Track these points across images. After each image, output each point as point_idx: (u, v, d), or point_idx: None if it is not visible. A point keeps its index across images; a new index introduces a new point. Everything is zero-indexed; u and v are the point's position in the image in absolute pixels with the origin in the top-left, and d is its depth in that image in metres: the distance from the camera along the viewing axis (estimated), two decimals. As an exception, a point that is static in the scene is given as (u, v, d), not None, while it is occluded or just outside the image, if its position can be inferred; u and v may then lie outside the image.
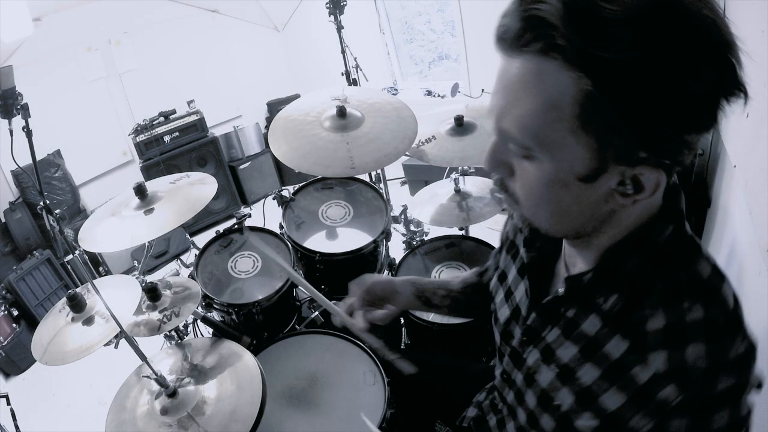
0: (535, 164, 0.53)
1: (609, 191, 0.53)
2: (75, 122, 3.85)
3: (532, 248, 0.76)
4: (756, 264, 1.06)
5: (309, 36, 4.82)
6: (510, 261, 0.85)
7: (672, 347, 0.54)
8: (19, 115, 1.29)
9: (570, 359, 0.64)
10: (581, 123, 0.48)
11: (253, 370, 1.26)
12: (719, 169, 2.05)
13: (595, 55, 0.43)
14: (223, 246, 1.74)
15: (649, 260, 0.57)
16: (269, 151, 4.27)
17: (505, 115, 0.53)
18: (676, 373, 0.53)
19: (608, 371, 0.59)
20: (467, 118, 1.82)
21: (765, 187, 1.08)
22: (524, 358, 0.75)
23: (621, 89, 0.44)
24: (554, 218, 0.58)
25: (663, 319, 0.55)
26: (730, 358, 0.52)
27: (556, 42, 0.45)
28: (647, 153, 0.49)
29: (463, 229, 1.89)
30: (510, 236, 0.87)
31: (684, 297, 0.55)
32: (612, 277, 0.59)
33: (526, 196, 0.57)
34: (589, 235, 0.60)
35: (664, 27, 0.43)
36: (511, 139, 0.54)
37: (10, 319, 2.94)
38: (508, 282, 0.84)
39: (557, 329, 0.68)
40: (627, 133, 0.47)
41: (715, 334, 0.53)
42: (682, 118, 0.46)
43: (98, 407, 2.41)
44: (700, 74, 0.44)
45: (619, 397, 0.58)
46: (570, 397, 0.64)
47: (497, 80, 0.54)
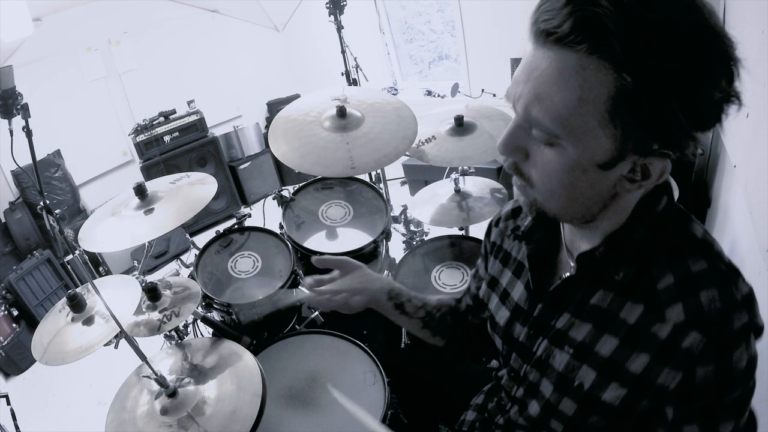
0: (557, 150, 0.57)
1: (619, 178, 0.58)
2: (75, 122, 3.85)
3: (531, 240, 0.78)
4: (756, 264, 1.06)
5: (309, 36, 4.82)
6: (500, 266, 0.87)
7: (686, 298, 0.58)
8: (19, 115, 1.29)
9: (585, 336, 0.66)
10: (611, 116, 0.53)
11: (253, 370, 1.26)
12: (719, 169, 2.05)
13: (642, 60, 0.49)
14: (223, 246, 1.74)
15: (651, 228, 0.63)
16: (269, 151, 4.26)
17: (537, 103, 0.56)
18: (696, 319, 0.57)
19: (627, 337, 0.63)
20: (467, 118, 1.82)
21: (765, 187, 1.08)
22: (534, 351, 0.75)
23: (659, 90, 0.50)
24: (567, 201, 0.62)
25: (671, 276, 0.60)
26: (739, 298, 0.58)
27: (607, 43, 0.49)
28: (659, 145, 0.55)
29: (463, 229, 1.89)
30: (497, 242, 0.90)
31: (686, 254, 0.61)
32: (621, 249, 0.64)
33: (543, 180, 0.61)
34: (594, 219, 0.64)
35: (700, 44, 0.50)
36: (539, 126, 0.57)
37: (10, 319, 2.94)
38: (502, 285, 0.85)
39: (566, 314, 0.70)
40: (651, 128, 0.53)
41: (722, 279, 0.59)
42: (699, 118, 0.53)
43: (98, 407, 2.42)
44: (719, 85, 0.51)
45: (644, 358, 0.61)
46: (591, 373, 0.66)
47: (526, 69, 0.57)
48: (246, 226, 1.81)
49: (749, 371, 0.58)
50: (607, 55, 0.50)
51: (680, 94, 0.50)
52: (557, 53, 0.53)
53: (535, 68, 0.55)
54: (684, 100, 0.51)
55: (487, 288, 0.91)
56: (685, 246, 0.62)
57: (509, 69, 3.50)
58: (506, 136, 0.61)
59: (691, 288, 0.59)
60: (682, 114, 0.51)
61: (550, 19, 0.52)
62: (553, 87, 0.54)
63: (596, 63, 0.51)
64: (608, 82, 0.51)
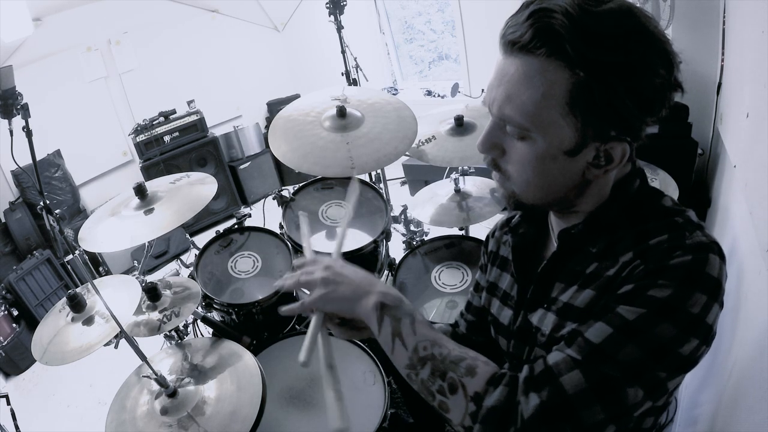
0: (528, 143, 0.66)
1: (586, 165, 0.66)
2: (75, 122, 3.86)
3: (516, 234, 0.85)
4: (756, 264, 1.06)
5: (309, 36, 4.82)
6: (499, 271, 0.91)
7: (638, 245, 0.64)
8: (19, 115, 1.29)
9: (569, 298, 0.70)
10: (570, 108, 0.62)
11: (253, 370, 1.26)
12: (719, 169, 2.05)
13: (590, 58, 0.59)
14: (223, 246, 1.74)
15: (624, 207, 0.70)
16: (269, 151, 4.26)
17: (508, 103, 0.65)
18: (640, 254, 0.63)
19: (583, 283, 0.69)
20: (467, 118, 1.82)
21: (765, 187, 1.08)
22: (530, 328, 0.76)
23: (607, 82, 0.60)
24: (541, 189, 0.69)
25: (631, 234, 0.67)
26: (689, 242, 0.61)
27: (563, 47, 0.59)
28: (616, 131, 0.63)
29: (463, 229, 1.89)
30: (494, 250, 0.94)
31: (650, 219, 0.67)
32: (598, 226, 0.71)
33: (518, 171, 0.69)
34: (572, 205, 0.72)
35: (638, 41, 0.60)
36: (511, 123, 0.66)
37: (10, 319, 2.94)
38: (503, 288, 0.88)
39: (558, 283, 0.73)
40: (605, 115, 0.62)
41: (675, 228, 0.64)
42: (645, 104, 0.62)
43: (98, 407, 2.42)
44: (658, 73, 0.61)
45: (590, 294, 0.67)
46: (552, 317, 0.72)
47: (497, 76, 0.66)
48: (246, 226, 1.81)
49: (668, 311, 0.58)
50: (562, 56, 0.60)
51: (625, 83, 0.60)
52: (522, 59, 0.63)
53: (505, 74, 0.65)
54: (629, 88, 0.60)
55: (487, 295, 0.93)
56: (651, 213, 0.68)
57: (509, 69, 3.50)
58: (484, 136, 0.70)
59: (645, 238, 0.64)
60: (630, 100, 0.60)
61: (514, 32, 0.62)
62: (521, 87, 0.63)
63: (554, 64, 0.61)
64: (565, 78, 0.61)
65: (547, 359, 0.62)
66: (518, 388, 0.60)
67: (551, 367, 0.60)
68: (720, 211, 1.86)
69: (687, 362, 0.59)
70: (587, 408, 0.57)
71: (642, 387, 0.58)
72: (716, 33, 2.12)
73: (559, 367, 0.60)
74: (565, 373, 0.59)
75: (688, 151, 2.22)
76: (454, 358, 0.65)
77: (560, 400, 0.58)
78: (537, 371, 0.61)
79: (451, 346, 0.67)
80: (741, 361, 1.03)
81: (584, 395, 0.57)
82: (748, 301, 1.08)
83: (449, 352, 0.66)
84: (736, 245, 1.34)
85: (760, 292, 1.00)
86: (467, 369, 0.63)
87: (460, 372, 0.63)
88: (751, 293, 1.07)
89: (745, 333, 1.05)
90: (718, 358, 1.16)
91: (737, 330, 1.08)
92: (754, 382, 0.92)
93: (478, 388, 0.62)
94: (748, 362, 0.98)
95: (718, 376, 1.12)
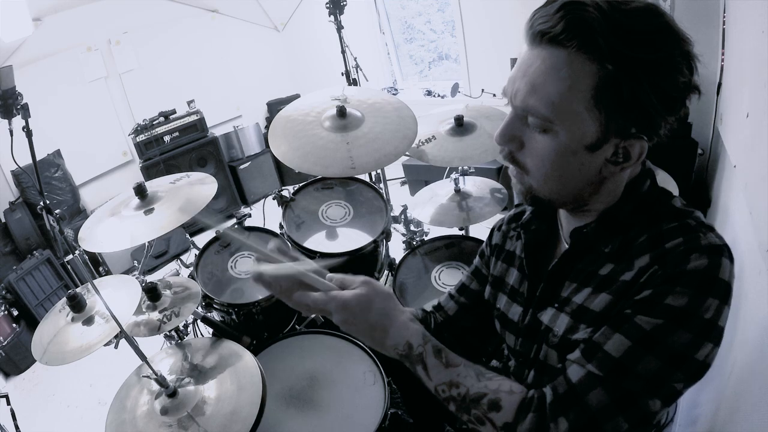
0: (550, 136, 0.65)
1: (604, 161, 0.66)
2: (75, 122, 3.85)
3: (528, 231, 0.84)
4: (756, 264, 1.06)
5: (309, 36, 4.82)
6: (505, 266, 0.90)
7: (654, 248, 0.65)
8: (19, 115, 1.29)
9: (584, 300, 0.70)
10: (595, 102, 0.62)
11: (253, 370, 1.26)
12: (719, 169, 2.05)
13: (621, 52, 0.59)
14: (223, 246, 1.74)
15: (636, 206, 0.70)
16: (269, 151, 4.26)
17: (533, 94, 0.64)
18: (658, 259, 0.63)
19: (598, 286, 0.69)
20: (467, 118, 1.82)
21: (765, 187, 1.08)
22: (540, 327, 0.76)
23: (635, 77, 0.60)
24: (559, 184, 0.69)
25: (646, 235, 0.67)
26: (704, 243, 0.62)
27: (594, 40, 0.60)
28: (637, 128, 0.64)
29: (463, 229, 1.89)
30: (500, 244, 0.94)
31: (662, 220, 0.67)
32: (610, 225, 0.71)
33: (537, 165, 0.68)
34: (586, 203, 0.72)
35: (665, 39, 0.61)
36: (535, 114, 0.65)
37: (10, 319, 2.94)
38: (510, 284, 0.87)
39: (568, 282, 0.73)
40: (629, 110, 0.62)
41: (689, 230, 0.64)
42: (669, 102, 0.62)
43: (98, 407, 2.42)
44: (683, 72, 0.62)
45: (606, 298, 0.67)
46: (566, 319, 0.72)
47: (521, 67, 0.66)
48: (246, 226, 1.81)
49: (684, 318, 0.60)
50: (591, 49, 0.60)
51: (651, 78, 0.60)
52: (550, 51, 0.62)
53: (531, 65, 0.64)
54: (655, 85, 0.61)
55: (492, 290, 0.92)
56: (663, 215, 0.68)
57: (509, 69, 3.49)
58: (503, 127, 0.69)
59: (660, 241, 0.65)
60: (654, 96, 0.61)
61: (545, 22, 0.62)
62: (547, 79, 0.63)
63: (582, 57, 0.61)
64: (592, 72, 0.61)
65: (569, 377, 0.65)
66: (546, 413, 0.64)
67: (575, 386, 0.64)
68: (720, 211, 1.86)
69: (702, 367, 0.62)
70: (611, 420, 0.61)
71: (659, 398, 0.62)
72: (716, 33, 2.12)
73: (582, 385, 0.63)
74: (589, 392, 0.62)
75: (688, 151, 2.22)
76: (473, 396, 0.68)
77: (586, 419, 0.62)
78: (561, 392, 0.64)
79: (470, 382, 0.70)
80: (741, 361, 1.03)
81: (608, 410, 0.61)
82: (748, 301, 1.08)
83: (467, 391, 0.69)
84: (736, 245, 1.34)
85: (760, 292, 1.00)
86: (490, 405, 0.67)
87: (483, 409, 0.67)
88: (751, 293, 1.07)
89: (745, 333, 1.05)
90: (718, 357, 1.15)
91: (737, 330, 1.08)
92: (754, 381, 0.92)
93: (507, 419, 0.66)
94: (748, 362, 0.98)
95: (718, 376, 1.12)
